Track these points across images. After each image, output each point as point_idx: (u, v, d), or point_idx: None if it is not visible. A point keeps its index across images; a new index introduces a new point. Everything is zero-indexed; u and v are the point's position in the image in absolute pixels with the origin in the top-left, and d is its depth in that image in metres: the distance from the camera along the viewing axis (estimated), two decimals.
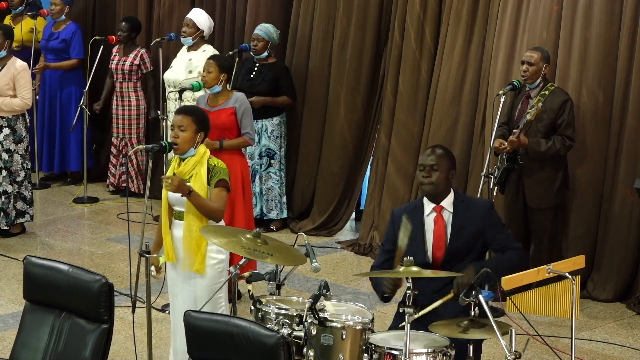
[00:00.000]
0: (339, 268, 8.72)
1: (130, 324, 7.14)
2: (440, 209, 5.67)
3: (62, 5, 10.72)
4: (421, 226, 5.66)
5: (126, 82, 10.45)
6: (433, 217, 5.67)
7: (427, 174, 5.63)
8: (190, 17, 9.48)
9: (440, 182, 5.64)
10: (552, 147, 7.61)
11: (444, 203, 5.67)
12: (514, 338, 4.90)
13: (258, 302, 5.37)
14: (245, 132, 7.71)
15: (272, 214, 9.55)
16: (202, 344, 4.54)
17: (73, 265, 4.98)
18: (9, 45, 9.09)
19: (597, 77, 7.87)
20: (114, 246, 9.16)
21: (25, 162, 9.18)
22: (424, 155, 5.71)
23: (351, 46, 9.32)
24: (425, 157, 5.69)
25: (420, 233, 5.64)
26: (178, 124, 5.96)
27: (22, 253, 8.45)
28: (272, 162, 9.48)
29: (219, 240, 5.49)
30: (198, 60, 9.24)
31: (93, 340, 4.81)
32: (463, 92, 8.62)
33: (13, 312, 7.54)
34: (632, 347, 7.21)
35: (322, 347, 5.18)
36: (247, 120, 7.71)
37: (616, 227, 7.87)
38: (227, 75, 7.71)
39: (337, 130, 9.48)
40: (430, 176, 5.63)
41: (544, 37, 8.04)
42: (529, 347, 6.70)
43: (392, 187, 9.06)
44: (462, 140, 8.61)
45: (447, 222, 5.65)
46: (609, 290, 7.96)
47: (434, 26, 8.82)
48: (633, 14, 7.72)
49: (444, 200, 5.67)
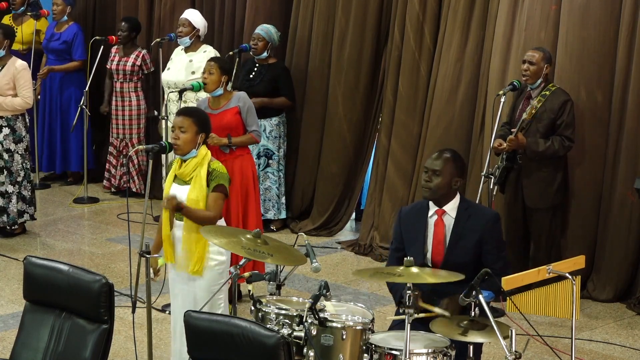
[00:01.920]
0: (339, 268, 8.72)
1: (130, 324, 7.14)
2: (442, 212, 5.62)
3: (64, 6, 10.71)
4: (424, 227, 5.62)
5: (127, 83, 10.45)
6: (434, 219, 5.63)
7: (428, 178, 5.56)
8: (185, 17, 9.48)
9: (439, 189, 5.55)
10: (551, 147, 7.61)
11: (446, 207, 5.61)
12: (514, 338, 4.90)
13: (258, 302, 5.37)
14: (252, 130, 7.70)
15: (270, 214, 9.55)
16: (202, 344, 4.54)
17: (73, 266, 4.98)
18: (9, 45, 9.08)
19: (596, 78, 7.86)
20: (114, 246, 9.17)
21: (25, 161, 9.18)
22: (431, 157, 5.63)
23: (350, 46, 9.32)
24: (431, 160, 5.61)
25: (422, 233, 5.61)
26: (179, 125, 5.97)
27: (22, 253, 8.45)
28: (270, 162, 9.48)
29: (219, 240, 5.49)
30: (200, 61, 9.22)
31: (93, 340, 4.81)
32: (462, 92, 8.61)
33: (13, 312, 7.54)
34: (632, 347, 7.21)
35: (322, 347, 5.18)
36: (252, 118, 7.70)
37: (616, 227, 7.87)
38: (227, 77, 7.72)
39: (336, 130, 9.48)
40: (430, 181, 5.55)
41: (542, 37, 8.04)
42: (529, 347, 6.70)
43: (392, 187, 9.06)
44: (461, 140, 8.60)
45: (448, 229, 5.59)
46: (609, 291, 7.96)
47: (433, 26, 8.82)
48: (632, 14, 7.71)
49: (447, 205, 5.61)
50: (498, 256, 5.57)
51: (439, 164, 5.56)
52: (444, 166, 5.55)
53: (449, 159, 5.59)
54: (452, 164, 5.58)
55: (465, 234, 5.55)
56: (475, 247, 5.54)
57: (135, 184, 10.60)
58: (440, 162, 5.56)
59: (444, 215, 5.62)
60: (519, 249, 7.96)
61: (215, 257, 5.97)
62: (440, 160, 5.57)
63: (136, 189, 10.59)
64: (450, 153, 5.65)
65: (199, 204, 5.90)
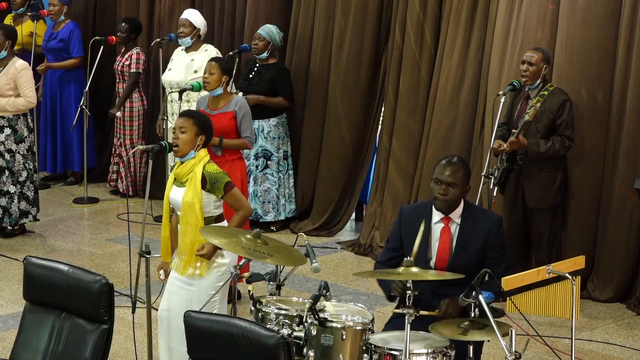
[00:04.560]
0: (339, 268, 8.72)
1: (130, 324, 7.14)
2: (449, 220, 5.59)
3: (61, 6, 10.71)
4: (428, 232, 5.58)
5: (122, 83, 10.44)
6: (440, 227, 5.60)
7: (444, 191, 5.50)
8: (185, 17, 9.49)
9: (455, 200, 5.53)
10: (552, 148, 7.61)
11: (452, 215, 5.59)
12: (514, 338, 4.90)
13: (258, 302, 5.37)
14: (245, 136, 7.70)
15: (269, 216, 9.53)
16: (202, 344, 4.54)
17: (73, 266, 4.98)
18: (11, 46, 9.08)
19: (595, 78, 7.86)
20: (114, 246, 9.17)
21: (27, 162, 9.17)
22: (441, 167, 5.54)
23: (351, 47, 9.32)
24: (442, 170, 5.52)
25: (426, 239, 5.56)
26: (179, 125, 5.98)
27: (23, 253, 8.45)
28: (268, 163, 9.47)
29: (219, 240, 5.49)
30: (201, 61, 9.22)
31: (93, 340, 4.81)
32: (464, 93, 8.62)
33: (13, 312, 7.54)
34: (632, 348, 7.21)
35: (322, 347, 5.19)
36: (246, 123, 7.71)
37: (616, 227, 7.87)
38: (228, 77, 7.72)
39: (336, 130, 9.48)
40: (446, 194, 5.50)
41: (539, 37, 8.04)
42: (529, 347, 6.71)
43: (393, 187, 9.06)
44: (461, 140, 8.61)
45: (454, 235, 5.57)
46: (609, 291, 7.96)
47: (433, 27, 8.82)
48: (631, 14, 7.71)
49: (453, 212, 5.59)
50: (500, 260, 5.56)
51: (453, 175, 5.51)
52: (458, 177, 5.51)
53: (460, 168, 5.55)
54: (463, 172, 5.55)
55: (471, 240, 5.54)
56: (480, 252, 5.54)
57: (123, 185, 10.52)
58: (454, 173, 5.51)
59: (450, 222, 5.60)
60: (519, 249, 7.96)
61: (217, 259, 5.95)
62: (453, 171, 5.51)
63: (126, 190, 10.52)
64: (459, 161, 5.61)
65: (194, 206, 5.87)
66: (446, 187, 5.50)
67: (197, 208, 5.88)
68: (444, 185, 5.50)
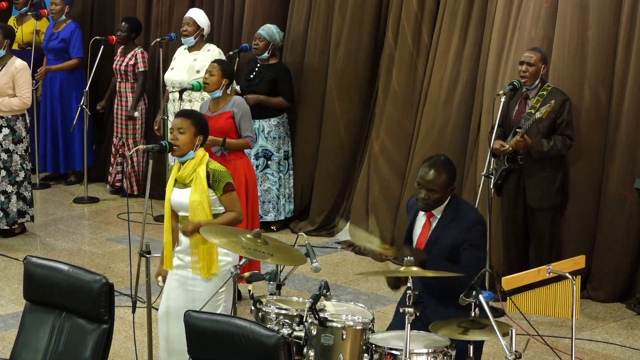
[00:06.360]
0: (339, 268, 8.72)
1: (130, 324, 7.14)
2: (431, 215, 5.68)
3: (62, 5, 10.71)
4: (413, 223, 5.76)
5: (124, 83, 10.45)
6: (423, 220, 5.71)
7: (425, 195, 5.56)
8: (190, 16, 9.48)
9: (437, 202, 5.60)
10: (554, 147, 7.61)
11: (435, 211, 5.66)
12: (514, 338, 4.90)
13: (258, 302, 5.37)
14: (246, 135, 7.72)
15: (270, 216, 9.53)
16: (203, 344, 4.54)
17: (73, 266, 4.98)
18: (9, 45, 9.08)
19: (594, 77, 7.85)
20: (114, 246, 9.17)
21: (24, 162, 9.17)
22: (424, 170, 5.58)
23: (347, 46, 9.31)
24: (424, 175, 5.57)
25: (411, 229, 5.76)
26: (177, 126, 5.97)
27: (23, 253, 8.44)
28: (269, 163, 9.46)
29: (219, 240, 5.49)
30: (203, 61, 9.20)
31: (93, 340, 4.81)
32: (459, 92, 8.60)
33: (13, 312, 7.54)
34: (632, 347, 7.21)
35: (322, 347, 5.19)
36: (246, 123, 7.72)
37: (615, 227, 7.86)
38: (228, 81, 7.73)
39: (333, 130, 9.47)
40: (427, 199, 5.56)
41: (532, 35, 8.03)
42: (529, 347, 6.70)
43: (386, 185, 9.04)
44: (458, 140, 8.59)
45: (431, 229, 5.67)
46: (609, 291, 7.95)
47: (431, 26, 8.82)
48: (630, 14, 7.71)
49: (436, 209, 5.65)
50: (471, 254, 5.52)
51: (434, 182, 5.54)
52: (439, 183, 5.54)
53: (442, 172, 5.57)
54: (445, 175, 5.57)
55: (444, 236, 5.59)
56: (452, 248, 5.54)
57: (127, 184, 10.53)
58: (435, 179, 5.54)
59: (432, 217, 5.68)
60: (519, 249, 7.96)
61: (222, 257, 5.94)
62: (434, 177, 5.54)
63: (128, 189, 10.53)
64: (443, 164, 5.62)
65: (203, 205, 5.88)
66: (427, 193, 5.56)
67: (205, 206, 5.89)
68: (424, 189, 5.57)
